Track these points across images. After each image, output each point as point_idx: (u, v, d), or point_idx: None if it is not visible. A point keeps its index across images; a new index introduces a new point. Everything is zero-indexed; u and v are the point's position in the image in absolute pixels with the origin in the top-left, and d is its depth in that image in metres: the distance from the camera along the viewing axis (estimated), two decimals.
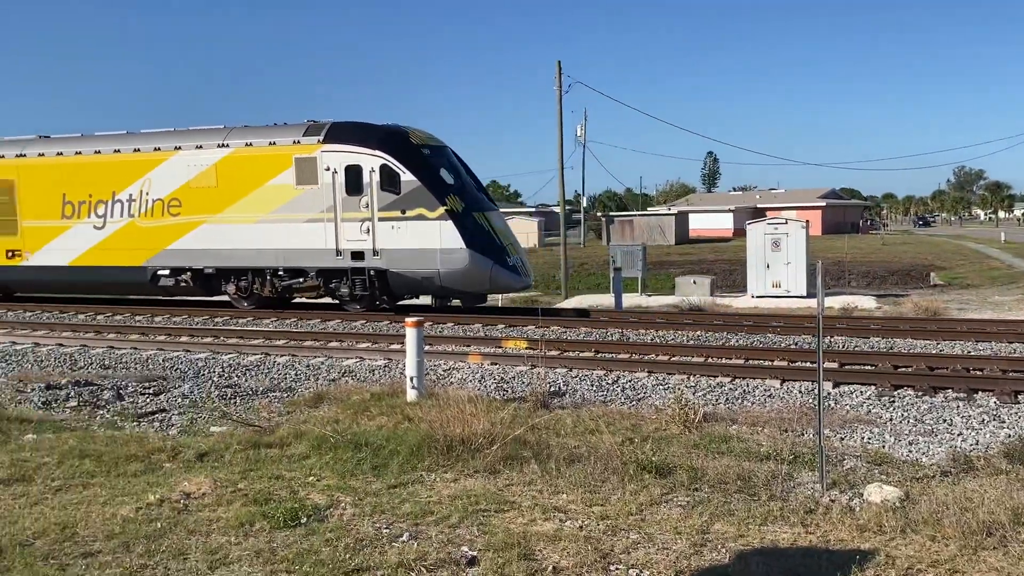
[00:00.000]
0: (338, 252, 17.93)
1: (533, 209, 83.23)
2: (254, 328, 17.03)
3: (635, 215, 66.12)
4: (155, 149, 19.66)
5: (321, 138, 17.98)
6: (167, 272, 19.73)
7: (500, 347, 14.07)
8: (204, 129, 19.69)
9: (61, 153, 20.38)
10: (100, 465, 7.07)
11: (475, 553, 5.01)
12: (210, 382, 11.91)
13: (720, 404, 10.00)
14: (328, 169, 17.76)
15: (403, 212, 17.31)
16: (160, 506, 5.96)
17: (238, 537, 5.34)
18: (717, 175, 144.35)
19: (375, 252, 17.66)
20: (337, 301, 18.91)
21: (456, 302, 19.29)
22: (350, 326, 17.35)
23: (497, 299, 24.97)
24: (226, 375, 12.59)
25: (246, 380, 12.22)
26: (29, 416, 9.26)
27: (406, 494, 6.24)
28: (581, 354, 13.17)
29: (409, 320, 10.46)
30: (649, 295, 25.67)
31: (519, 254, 18.26)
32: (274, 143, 18.40)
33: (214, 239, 18.99)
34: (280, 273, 18.82)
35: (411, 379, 10.07)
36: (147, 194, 19.63)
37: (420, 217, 17.21)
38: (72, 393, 10.79)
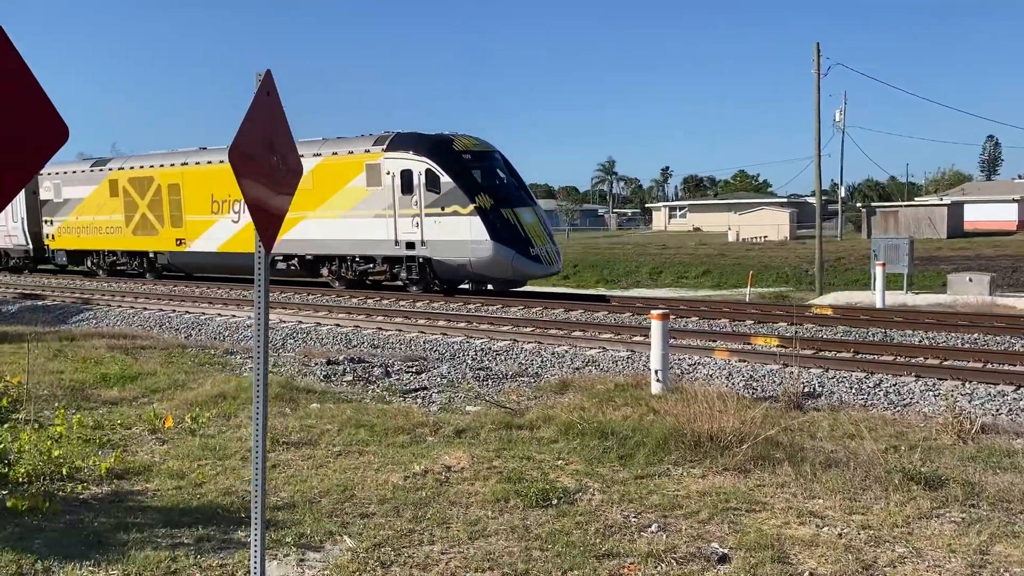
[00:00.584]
0: (396, 242, 20.74)
1: (784, 199, 79.42)
2: (503, 316, 17.81)
3: (900, 206, 60.96)
4: None
5: (384, 147, 20.80)
6: (281, 258, 23.10)
7: (749, 343, 13.64)
8: (305, 141, 22.45)
9: (210, 161, 24.42)
10: (373, 435, 7.76)
11: (726, 551, 4.93)
12: (464, 364, 12.64)
13: (1001, 415, 9.02)
14: (388, 173, 20.58)
15: (442, 209, 19.87)
16: (424, 476, 6.44)
17: (494, 512, 5.65)
18: (998, 161, 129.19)
19: (423, 243, 20.32)
20: (401, 283, 21.52)
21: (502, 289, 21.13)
22: (592, 317, 17.64)
23: (744, 294, 24.18)
24: (478, 359, 13.30)
25: (496, 364, 12.82)
26: (314, 387, 10.36)
27: (653, 485, 6.26)
28: (838, 354, 12.42)
29: (655, 313, 10.44)
30: (915, 293, 23.63)
31: (545, 245, 20.16)
32: (352, 152, 21.47)
33: (311, 232, 22.31)
34: (357, 259, 21.98)
35: (656, 372, 10.05)
36: None
37: (455, 213, 19.69)
38: (348, 368, 11.92)
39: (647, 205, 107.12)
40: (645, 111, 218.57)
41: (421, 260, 20.55)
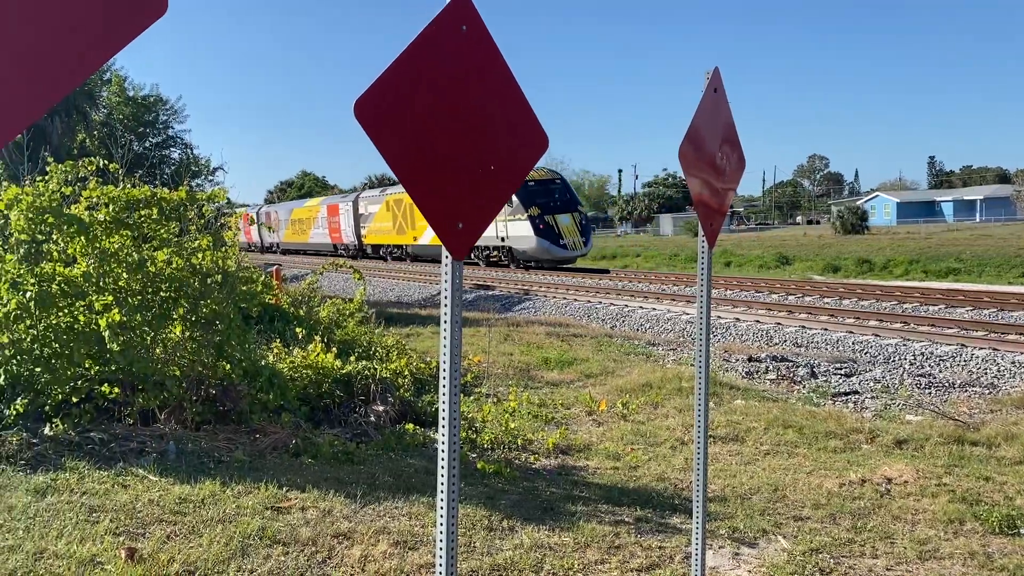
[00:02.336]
0: (497, 237, 32.72)
1: None
2: (946, 316, 16.00)
3: None
4: None
5: None
6: None
7: None
8: None
9: None
10: (801, 437, 7.49)
11: None
12: (901, 369, 11.60)
13: None
14: None
15: (514, 216, 31.48)
16: (862, 486, 6.05)
17: (947, 533, 5.11)
18: None
19: (507, 237, 32.43)
20: (507, 263, 33.58)
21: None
22: None
23: None
24: (918, 364, 12.10)
25: (939, 371, 11.56)
26: (735, 383, 10.32)
27: None
28: None
29: None
30: None
31: (574, 237, 31.19)
32: None
33: None
34: (483, 248, 34.40)
35: None
36: None
37: (519, 219, 31.33)
38: (770, 367, 11.66)
39: None
40: None
41: (507, 248, 33.10)
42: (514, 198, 32.18)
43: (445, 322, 2.71)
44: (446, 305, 2.72)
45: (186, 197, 6.99)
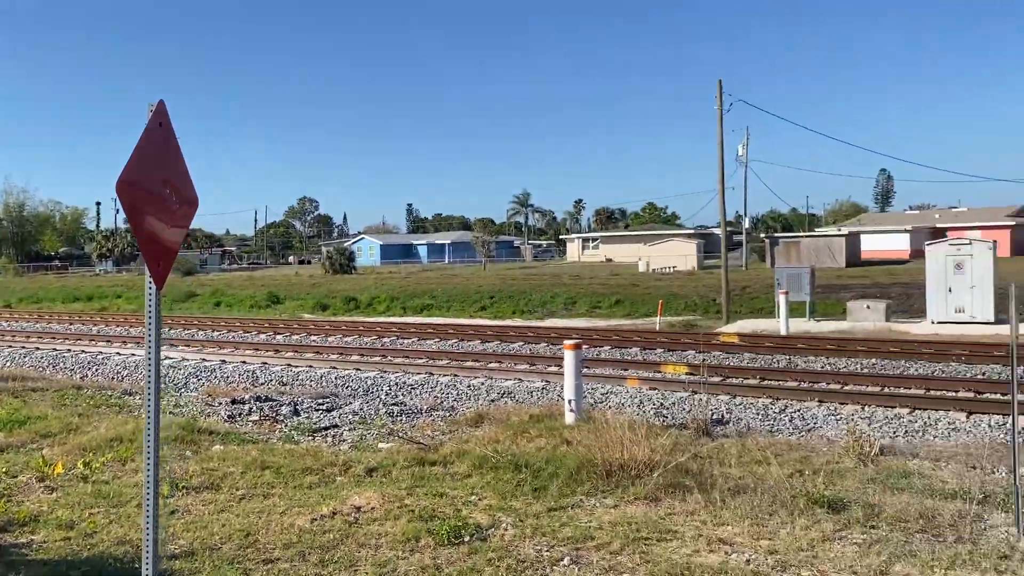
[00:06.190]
0: None
1: (692, 231, 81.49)
2: (418, 348, 17.65)
3: (801, 236, 63.19)
4: None
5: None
6: None
7: (659, 371, 13.85)
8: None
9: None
10: (279, 476, 7.50)
11: None
12: (378, 400, 12.42)
13: (899, 437, 9.37)
14: None
15: None
16: (332, 518, 6.24)
17: (405, 552, 5.51)
18: (891, 194, 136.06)
19: None
20: None
21: None
22: (508, 348, 17.65)
23: (655, 323, 24.62)
24: (392, 393, 13.09)
25: (411, 399, 12.65)
26: (217, 428, 9.97)
27: (566, 518, 6.22)
28: (745, 381, 12.74)
29: (568, 343, 10.49)
30: (817, 320, 24.49)
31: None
32: None
33: None
34: None
35: (569, 402, 10.08)
36: None
37: None
38: (254, 408, 11.55)
39: (561, 236, 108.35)
40: (559, 145, 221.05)
41: None
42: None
43: None
44: None
45: None
